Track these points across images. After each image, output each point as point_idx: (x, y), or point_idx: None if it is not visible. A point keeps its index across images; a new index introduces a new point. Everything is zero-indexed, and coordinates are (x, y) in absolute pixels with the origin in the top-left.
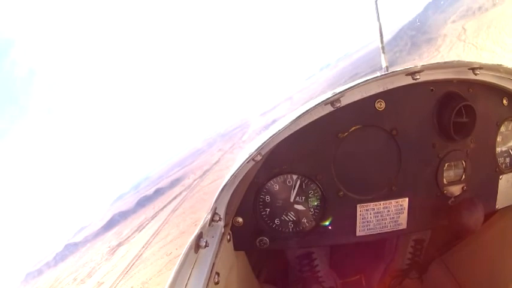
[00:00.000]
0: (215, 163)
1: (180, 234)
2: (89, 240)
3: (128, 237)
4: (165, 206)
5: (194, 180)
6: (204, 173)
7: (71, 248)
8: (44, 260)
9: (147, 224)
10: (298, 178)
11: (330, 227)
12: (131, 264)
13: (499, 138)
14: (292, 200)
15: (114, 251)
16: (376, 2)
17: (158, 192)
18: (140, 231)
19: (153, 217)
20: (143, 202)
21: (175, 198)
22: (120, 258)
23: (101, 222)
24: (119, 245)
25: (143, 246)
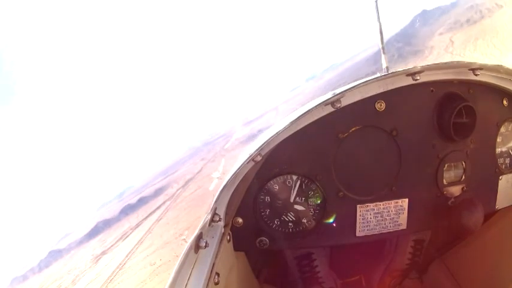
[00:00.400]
0: (197, 172)
1: (164, 244)
2: (73, 247)
3: (112, 246)
4: (148, 216)
5: (177, 190)
6: (187, 182)
7: (55, 254)
8: (28, 266)
9: (131, 233)
10: (298, 178)
11: (329, 228)
12: (115, 273)
13: (499, 139)
14: (292, 200)
15: (98, 259)
16: (376, 2)
17: (142, 201)
18: (124, 239)
19: (136, 226)
20: (127, 210)
21: (159, 207)
22: (104, 266)
23: (85, 230)
24: (103, 253)
25: (127, 256)
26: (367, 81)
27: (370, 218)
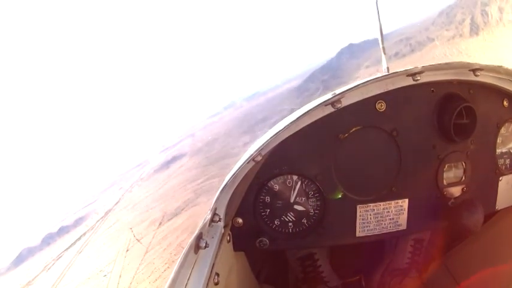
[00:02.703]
0: (116, 203)
1: (85, 280)
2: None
3: (36, 277)
4: (70, 247)
5: (97, 222)
6: (106, 213)
7: None
8: None
9: (53, 264)
10: (298, 179)
11: (329, 228)
12: None
13: (499, 140)
14: (292, 200)
15: None
16: (376, 2)
17: (63, 231)
18: (47, 271)
19: (58, 257)
20: (48, 240)
21: (79, 238)
22: None
23: (9, 257)
24: (28, 284)
25: None
26: (367, 81)
27: (370, 218)
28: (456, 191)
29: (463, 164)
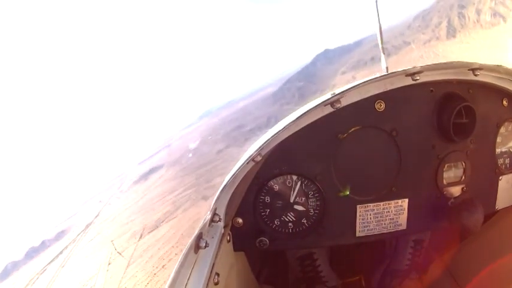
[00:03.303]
0: (96, 216)
1: None
2: None
3: None
4: (52, 260)
5: (78, 235)
6: (87, 227)
7: None
8: None
9: (37, 279)
10: (298, 179)
11: (329, 228)
12: None
13: (498, 139)
14: (292, 200)
15: None
16: (376, 1)
17: (45, 244)
18: (32, 285)
19: (42, 271)
20: (32, 253)
21: (61, 252)
22: None
23: None
24: None
25: None
26: (366, 81)
27: (370, 218)
28: (456, 190)
29: (463, 163)
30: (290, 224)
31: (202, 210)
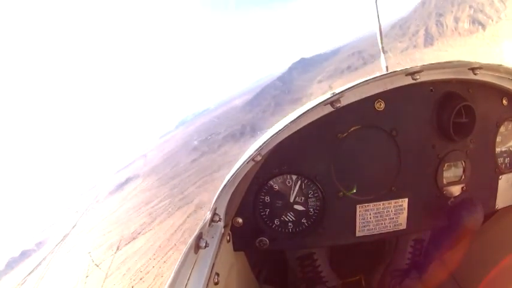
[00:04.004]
0: (73, 227)
1: None
2: None
3: None
4: (32, 272)
5: (56, 246)
6: (64, 237)
7: None
8: None
9: None
10: (298, 178)
11: (329, 228)
12: None
13: (498, 139)
14: (292, 200)
15: None
16: (376, 2)
17: (24, 255)
18: None
19: (23, 282)
20: (12, 264)
21: (40, 263)
22: None
23: None
24: None
25: None
26: (366, 80)
27: (370, 218)
28: (456, 190)
29: (463, 163)
30: (290, 224)
31: (177, 221)
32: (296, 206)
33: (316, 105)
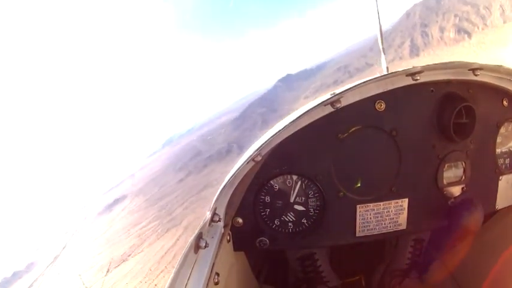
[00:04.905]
0: (63, 248)
1: None
2: None
3: None
4: None
5: (47, 267)
6: (55, 259)
7: None
8: None
9: None
10: (298, 179)
11: (329, 228)
12: None
13: (499, 139)
14: (292, 200)
15: None
16: (376, 2)
17: (16, 275)
18: None
19: None
20: (5, 285)
21: (32, 285)
22: None
23: None
24: None
25: None
26: (367, 81)
27: (370, 218)
28: (456, 190)
29: (463, 163)
30: (290, 224)
31: (166, 244)
32: (296, 206)
33: (317, 105)
